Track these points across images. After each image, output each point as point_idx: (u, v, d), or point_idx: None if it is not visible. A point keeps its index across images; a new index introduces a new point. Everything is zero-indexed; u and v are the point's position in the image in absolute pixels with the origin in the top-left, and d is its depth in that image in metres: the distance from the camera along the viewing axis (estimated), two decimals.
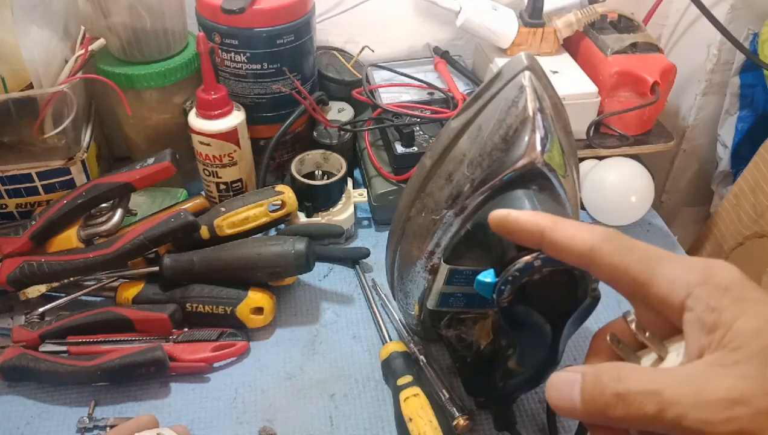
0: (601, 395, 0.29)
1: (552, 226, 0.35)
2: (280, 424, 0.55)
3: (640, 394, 0.28)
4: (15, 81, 0.62)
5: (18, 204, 0.69)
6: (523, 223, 0.36)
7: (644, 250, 0.32)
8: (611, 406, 0.29)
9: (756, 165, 0.73)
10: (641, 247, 0.32)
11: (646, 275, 0.31)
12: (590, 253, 0.33)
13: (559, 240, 0.34)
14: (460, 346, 0.55)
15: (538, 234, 0.35)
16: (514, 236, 0.37)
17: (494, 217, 0.38)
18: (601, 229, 0.34)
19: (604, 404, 0.29)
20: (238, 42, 0.67)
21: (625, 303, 0.59)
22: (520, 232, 0.36)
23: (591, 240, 0.33)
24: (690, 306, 0.30)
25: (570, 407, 0.30)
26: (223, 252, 0.62)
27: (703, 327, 0.29)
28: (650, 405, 0.28)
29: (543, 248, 0.36)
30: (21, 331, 0.59)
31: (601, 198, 0.72)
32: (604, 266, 0.33)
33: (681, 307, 0.30)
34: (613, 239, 0.33)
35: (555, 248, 0.35)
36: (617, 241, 0.33)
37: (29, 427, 0.55)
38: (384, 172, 0.73)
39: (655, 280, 0.31)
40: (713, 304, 0.29)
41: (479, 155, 0.45)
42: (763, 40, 0.72)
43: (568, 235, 0.34)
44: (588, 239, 0.33)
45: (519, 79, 0.44)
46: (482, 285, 0.41)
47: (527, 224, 0.36)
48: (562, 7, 0.80)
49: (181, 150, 0.67)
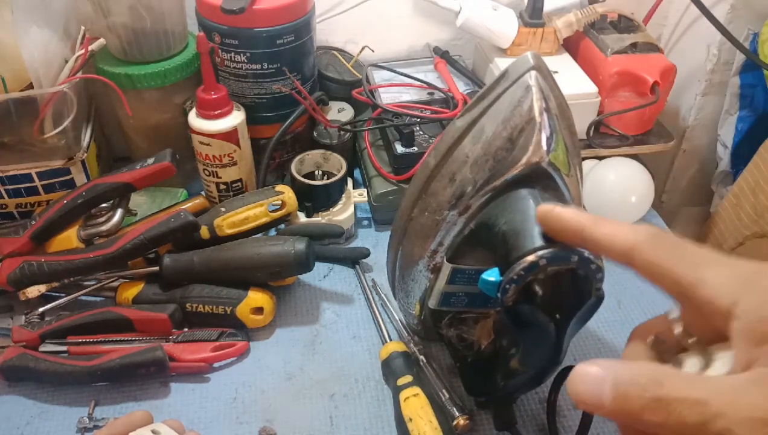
0: (638, 398, 0.27)
1: (593, 223, 0.35)
2: (280, 424, 0.55)
3: (683, 402, 0.27)
4: (15, 81, 0.62)
5: (18, 204, 0.68)
6: (566, 220, 0.37)
7: (690, 250, 0.31)
8: (649, 410, 0.27)
9: (756, 165, 0.73)
10: (687, 247, 0.31)
11: (692, 278, 0.30)
12: (631, 252, 0.33)
13: (600, 237, 0.34)
14: (461, 345, 0.55)
15: (579, 231, 0.36)
16: (555, 231, 0.38)
17: (540, 212, 0.39)
18: (645, 228, 0.33)
19: (640, 407, 0.27)
20: (238, 42, 0.67)
21: (625, 303, 0.60)
22: (562, 227, 0.37)
23: (633, 239, 0.33)
24: (738, 314, 0.28)
25: (596, 403, 0.28)
26: (223, 252, 0.62)
27: (752, 338, 0.28)
28: (693, 415, 0.26)
29: (584, 245, 0.37)
30: (21, 331, 0.59)
31: (601, 198, 0.72)
32: (646, 265, 0.32)
33: (728, 314, 0.29)
34: (657, 238, 0.32)
35: (596, 245, 0.35)
36: (661, 240, 0.32)
37: (29, 427, 0.55)
38: (384, 172, 0.73)
39: (702, 283, 0.30)
40: (765, 314, 0.28)
41: (484, 155, 0.45)
42: (763, 40, 0.72)
43: (607, 232, 0.34)
44: (630, 238, 0.33)
45: (525, 79, 0.44)
46: (487, 284, 0.41)
47: (569, 221, 0.37)
48: (562, 7, 0.80)
49: (181, 150, 0.67)
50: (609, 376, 0.28)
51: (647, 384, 0.28)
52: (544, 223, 0.39)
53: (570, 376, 0.30)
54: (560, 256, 0.38)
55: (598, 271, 0.39)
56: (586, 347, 0.62)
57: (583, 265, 0.39)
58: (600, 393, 0.28)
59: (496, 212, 0.45)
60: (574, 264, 0.38)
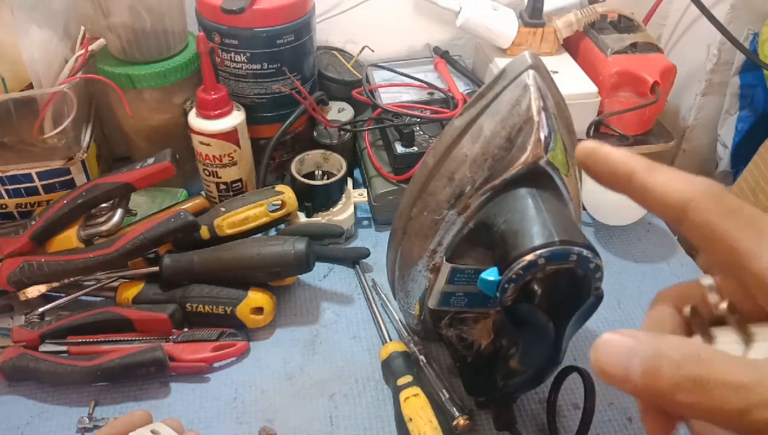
0: (671, 376, 0.25)
1: (646, 168, 0.30)
2: (280, 424, 0.55)
3: (723, 385, 0.24)
4: (15, 81, 0.62)
5: (18, 204, 0.69)
6: (614, 159, 0.31)
7: (751, 215, 0.27)
8: (683, 390, 0.24)
9: (756, 165, 0.73)
10: (749, 211, 0.27)
11: (748, 246, 0.27)
12: (685, 206, 0.28)
13: (652, 185, 0.29)
14: (461, 345, 0.55)
15: (627, 174, 0.30)
16: (599, 174, 0.32)
17: (582, 149, 0.33)
18: (704, 181, 0.29)
19: (673, 386, 0.24)
20: (238, 42, 0.67)
21: (625, 303, 0.59)
22: (609, 169, 0.32)
23: (691, 191, 0.28)
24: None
25: (623, 377, 0.25)
26: (223, 252, 0.62)
27: None
28: (735, 401, 0.24)
29: (629, 193, 0.31)
30: (21, 331, 0.59)
31: (601, 198, 0.72)
32: (699, 225, 0.28)
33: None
34: (717, 196, 0.28)
35: (645, 194, 0.30)
36: (721, 199, 0.28)
37: (29, 427, 0.55)
38: (384, 172, 0.73)
39: (759, 253, 0.26)
40: None
41: (482, 154, 0.45)
42: (763, 40, 0.72)
43: (662, 181, 0.29)
44: (687, 190, 0.28)
45: (523, 78, 0.44)
46: (486, 283, 0.42)
47: (618, 161, 0.31)
48: (562, 7, 0.80)
49: (181, 150, 0.67)
50: (640, 348, 0.25)
51: (683, 361, 0.25)
52: (586, 163, 0.33)
53: (595, 345, 0.26)
54: (559, 255, 0.38)
55: (597, 270, 0.39)
56: (586, 347, 0.62)
57: (581, 264, 0.39)
58: (628, 366, 0.25)
59: (495, 211, 0.45)
60: (573, 263, 0.38)
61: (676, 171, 0.29)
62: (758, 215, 0.27)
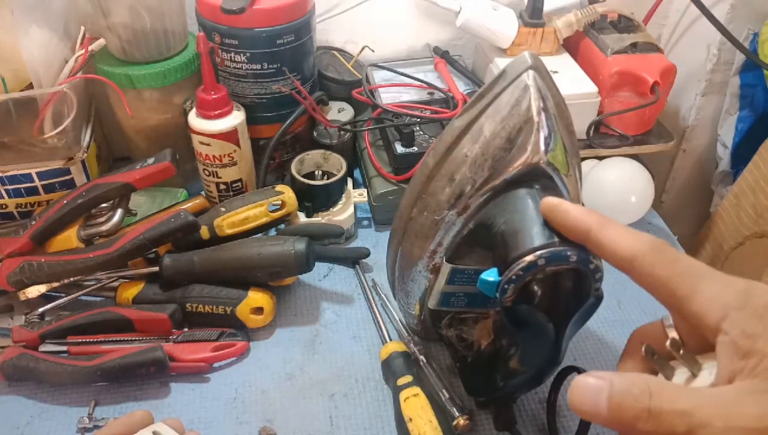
0: (631, 408, 0.29)
1: (599, 226, 0.36)
2: (280, 424, 0.55)
3: (670, 413, 0.28)
4: (15, 81, 0.62)
5: (18, 204, 0.69)
6: (572, 218, 0.37)
7: (688, 264, 0.33)
8: (641, 419, 0.29)
9: (756, 165, 0.73)
10: (685, 261, 0.33)
11: (686, 291, 0.32)
12: (632, 260, 0.34)
13: (604, 242, 0.35)
14: (461, 345, 0.55)
15: (584, 231, 0.36)
16: (560, 226, 0.38)
17: (546, 204, 0.39)
18: (647, 238, 0.34)
19: (633, 417, 0.29)
20: (238, 42, 0.67)
21: (625, 303, 0.60)
22: (568, 225, 0.37)
23: (635, 248, 0.34)
24: (725, 329, 0.30)
25: (593, 412, 0.30)
26: (223, 252, 0.62)
27: (736, 352, 0.29)
28: (680, 425, 0.28)
29: (587, 245, 0.37)
30: (21, 331, 0.59)
31: (601, 198, 0.72)
32: (645, 275, 0.33)
33: (716, 329, 0.31)
34: (658, 250, 0.33)
35: (599, 249, 0.36)
36: (661, 252, 0.33)
37: (29, 427, 0.55)
38: (384, 172, 0.73)
39: (694, 296, 0.31)
40: (749, 331, 0.29)
41: (482, 154, 0.45)
42: (763, 40, 0.72)
43: (613, 238, 0.35)
44: (632, 247, 0.34)
45: (523, 79, 0.44)
46: (486, 284, 0.42)
47: (575, 219, 0.37)
48: (562, 7, 0.80)
49: (181, 150, 0.67)
50: (605, 387, 0.30)
51: (639, 395, 0.29)
52: (549, 216, 0.39)
53: (571, 387, 0.31)
54: (559, 256, 0.38)
55: (597, 270, 0.39)
56: (586, 347, 0.62)
57: (581, 264, 0.39)
58: (597, 403, 0.30)
59: (495, 212, 0.45)
60: (573, 264, 0.38)
61: (625, 228, 0.35)
62: (694, 264, 0.33)
